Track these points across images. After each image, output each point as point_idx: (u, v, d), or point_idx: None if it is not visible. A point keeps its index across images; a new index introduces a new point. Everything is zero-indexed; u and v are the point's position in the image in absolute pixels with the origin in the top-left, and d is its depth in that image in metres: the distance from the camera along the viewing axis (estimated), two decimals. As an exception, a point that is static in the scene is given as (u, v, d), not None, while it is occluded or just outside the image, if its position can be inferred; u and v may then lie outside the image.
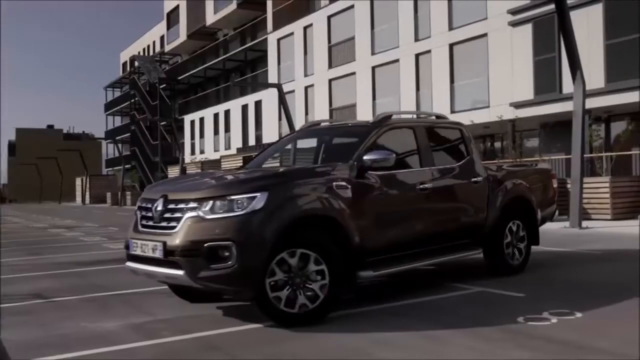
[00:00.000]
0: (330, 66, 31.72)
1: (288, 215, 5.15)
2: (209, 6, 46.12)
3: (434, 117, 7.71)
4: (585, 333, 4.77)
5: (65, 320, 5.76)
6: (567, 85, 18.67)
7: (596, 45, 18.30)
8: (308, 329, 5.15)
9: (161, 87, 53.47)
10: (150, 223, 5.46)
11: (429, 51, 25.50)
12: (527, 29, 20.65)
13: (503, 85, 21.84)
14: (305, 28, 33.78)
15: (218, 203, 5.08)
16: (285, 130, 32.70)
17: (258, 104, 38.85)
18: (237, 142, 40.84)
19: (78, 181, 59.35)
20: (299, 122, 31.55)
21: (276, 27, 36.77)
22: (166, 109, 53.17)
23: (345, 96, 30.60)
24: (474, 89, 23.58)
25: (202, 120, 46.61)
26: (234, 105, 42.01)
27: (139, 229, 5.60)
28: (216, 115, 44.34)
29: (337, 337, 4.91)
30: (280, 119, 35.46)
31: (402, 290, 6.77)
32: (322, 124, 7.70)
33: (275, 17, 37.37)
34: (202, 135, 46.77)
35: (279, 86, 26.27)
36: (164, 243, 5.13)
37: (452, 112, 24.13)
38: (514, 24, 21.15)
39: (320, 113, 32.23)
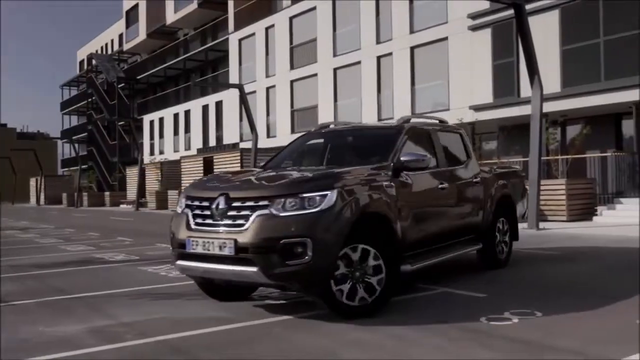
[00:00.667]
0: (292, 67, 31.70)
1: (354, 212, 5.41)
2: (169, 5, 45.59)
3: (437, 121, 8.06)
4: (546, 332, 4.87)
5: (23, 325, 5.60)
6: (525, 89, 19.07)
7: (553, 50, 18.73)
8: (275, 330, 5.14)
9: (120, 86, 52.60)
10: (209, 221, 5.50)
11: (390, 54, 25.70)
12: (487, 34, 21.01)
13: (463, 89, 22.16)
14: (267, 29, 33.68)
15: (290, 201, 5.25)
16: (246, 130, 32.57)
17: (219, 105, 38.56)
18: (197, 142, 40.44)
19: (32, 181, 57.91)
20: (260, 123, 31.45)
21: (237, 27, 36.57)
22: (125, 108, 52.33)
23: (307, 97, 30.62)
24: (434, 92, 23.88)
25: (161, 120, 46.00)
26: (195, 106, 41.59)
27: (193, 227, 5.60)
28: (176, 116, 43.83)
29: (305, 337, 4.90)
30: (241, 119, 35.26)
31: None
32: (331, 126, 7.95)
33: (236, 17, 37.16)
34: (161, 136, 46.16)
35: (240, 87, 26.12)
36: (235, 240, 5.20)
37: (413, 114, 24.40)
38: (474, 29, 21.49)
39: (282, 114, 32.19)
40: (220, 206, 5.42)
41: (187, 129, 42.35)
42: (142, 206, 36.38)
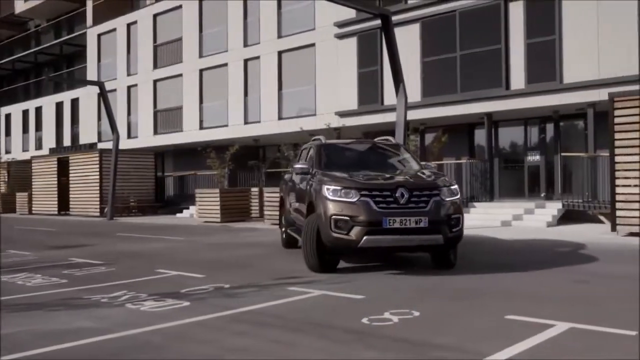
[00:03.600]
0: (155, 66, 30.68)
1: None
2: (19, -7, 42.37)
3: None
4: (426, 331, 5.05)
5: None
6: (388, 98, 19.88)
7: (414, 62, 19.67)
8: (153, 339, 4.89)
9: (-41, 78, 48.07)
10: (394, 206, 7.68)
11: (257, 57, 25.69)
12: (352, 42, 21.64)
13: (329, 95, 22.64)
14: (129, 25, 32.33)
15: (448, 190, 8.05)
16: (105, 130, 31.03)
17: (75, 102, 36.44)
18: (50, 142, 37.91)
19: None
20: (121, 123, 30.09)
21: (97, 21, 34.76)
22: (-35, 102, 47.88)
23: (171, 98, 29.76)
24: (301, 97, 24.18)
25: (8, 117, 42.58)
26: (47, 102, 38.96)
27: (379, 210, 7.64)
28: (25, 112, 40.79)
29: (186, 346, 4.73)
30: (99, 118, 33.62)
31: (236, 297, 6.69)
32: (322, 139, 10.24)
33: (95, 11, 35.31)
34: (8, 134, 42.71)
35: (100, 84, 24.84)
36: (427, 217, 7.67)
37: (280, 118, 24.58)
38: (340, 37, 22.05)
39: (144, 114, 31.05)
40: (405, 195, 7.70)
41: (39, 127, 39.58)
42: (-14, 209, 33.45)
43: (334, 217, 7.73)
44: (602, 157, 15.02)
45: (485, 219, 16.26)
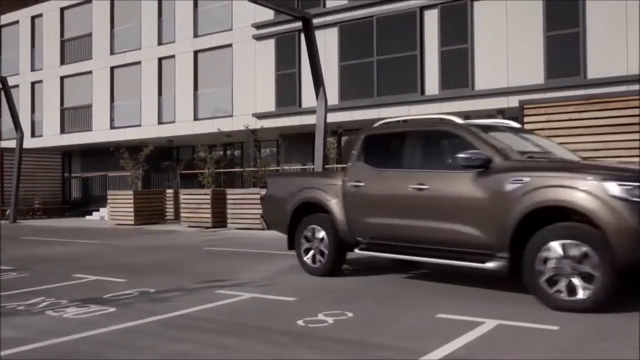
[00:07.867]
0: (62, 62, 29.37)
1: None
2: None
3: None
4: (360, 331, 5.10)
5: None
6: (306, 100, 20.00)
7: (331, 65, 19.88)
8: (82, 347, 4.68)
9: None
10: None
11: (172, 56, 25.14)
12: (270, 44, 21.60)
13: (246, 96, 22.48)
14: (33, 18, 30.79)
15: None
16: (6, 128, 29.36)
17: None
18: (-57, 139, 35.45)
19: None
20: (24, 121, 28.57)
21: (-3, 13, 32.90)
22: None
23: (80, 96, 28.58)
24: (217, 97, 23.87)
25: None
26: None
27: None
28: None
29: (121, 351, 4.56)
30: (0, 115, 31.80)
31: (164, 301, 6.53)
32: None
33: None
34: None
35: (2, 79, 23.49)
36: None
37: (196, 119, 24.18)
38: (258, 38, 21.96)
39: (50, 112, 29.65)
40: None
41: None
42: None
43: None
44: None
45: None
